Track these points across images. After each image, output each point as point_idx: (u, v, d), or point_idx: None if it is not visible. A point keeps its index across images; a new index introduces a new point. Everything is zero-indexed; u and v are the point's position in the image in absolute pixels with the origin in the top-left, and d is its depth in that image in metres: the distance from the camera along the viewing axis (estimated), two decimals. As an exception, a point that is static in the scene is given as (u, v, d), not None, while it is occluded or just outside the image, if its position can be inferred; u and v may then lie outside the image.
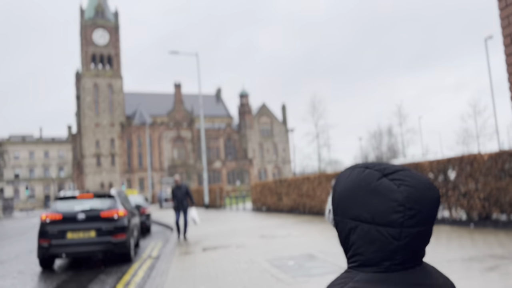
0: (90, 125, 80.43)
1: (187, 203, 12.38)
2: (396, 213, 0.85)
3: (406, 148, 52.12)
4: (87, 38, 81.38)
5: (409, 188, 0.87)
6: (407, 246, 0.87)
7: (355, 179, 0.92)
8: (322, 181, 15.51)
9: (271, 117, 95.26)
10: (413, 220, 0.86)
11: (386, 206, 0.87)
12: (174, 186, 12.61)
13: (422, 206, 0.87)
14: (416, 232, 0.87)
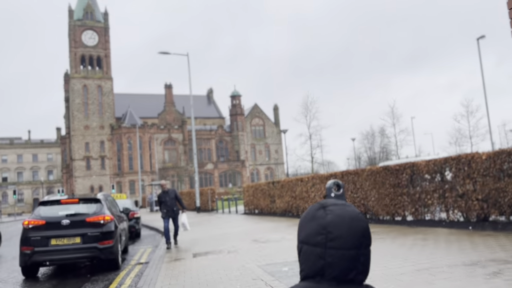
0: (80, 127, 79.41)
1: (178, 209, 11.70)
2: (320, 235, 1.14)
3: (399, 149, 52.11)
4: (76, 40, 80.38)
5: (335, 216, 1.15)
6: (333, 265, 1.12)
7: (306, 211, 1.23)
8: (316, 182, 15.22)
9: (264, 118, 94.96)
10: (334, 242, 1.12)
11: (314, 229, 1.16)
12: (160, 192, 11.71)
13: (343, 232, 1.13)
14: (340, 254, 1.12)
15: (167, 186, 11.71)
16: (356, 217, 1.17)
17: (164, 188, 11.60)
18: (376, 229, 10.62)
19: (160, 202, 11.51)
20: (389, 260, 6.63)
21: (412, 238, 8.57)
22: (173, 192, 11.66)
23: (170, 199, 11.45)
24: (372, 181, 12.50)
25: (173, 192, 11.63)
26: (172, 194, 11.57)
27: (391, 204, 11.85)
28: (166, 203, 11.41)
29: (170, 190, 11.64)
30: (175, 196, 11.65)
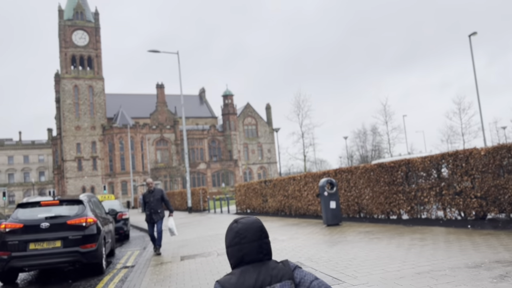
0: (71, 128, 78.50)
1: (163, 212, 10.46)
2: (235, 238, 1.95)
3: (392, 147, 51.84)
4: (66, 40, 79.41)
5: (240, 224, 1.96)
6: (247, 253, 1.92)
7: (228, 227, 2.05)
8: (309, 181, 14.84)
9: (256, 117, 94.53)
10: (245, 239, 1.92)
11: (231, 236, 1.99)
12: (145, 191, 10.52)
13: (248, 232, 1.94)
14: (250, 245, 1.92)
15: (153, 185, 10.57)
16: (254, 222, 2.00)
17: (150, 187, 10.47)
18: (371, 229, 10.26)
19: (144, 203, 10.47)
20: (387, 262, 6.25)
21: (409, 238, 8.21)
22: (159, 192, 10.45)
23: (154, 199, 10.30)
24: (366, 179, 12.15)
25: (159, 193, 10.44)
26: (157, 194, 10.40)
27: (386, 202, 11.51)
28: (150, 204, 10.30)
29: (156, 189, 10.48)
30: (161, 197, 10.45)
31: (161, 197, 10.45)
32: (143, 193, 10.69)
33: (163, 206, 10.58)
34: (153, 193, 10.40)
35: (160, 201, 10.43)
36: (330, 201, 11.67)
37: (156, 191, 10.45)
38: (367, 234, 9.37)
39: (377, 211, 11.89)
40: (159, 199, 10.42)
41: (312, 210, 14.75)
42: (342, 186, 13.13)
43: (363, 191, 12.32)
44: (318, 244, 8.73)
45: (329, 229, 11.12)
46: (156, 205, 10.31)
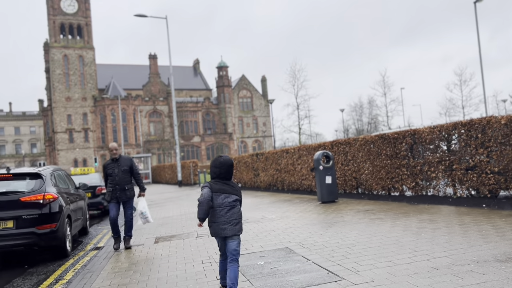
0: (61, 99, 76.56)
1: (133, 189, 7.82)
2: (218, 165, 4.06)
3: (390, 120, 50.49)
4: (54, 7, 76.41)
5: (222, 159, 4.10)
6: (223, 173, 4.04)
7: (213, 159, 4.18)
8: (303, 154, 13.70)
9: (251, 90, 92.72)
10: (223, 167, 4.04)
11: (217, 162, 4.09)
12: (108, 160, 7.83)
13: (225, 164, 4.08)
14: (225, 171, 4.05)
15: (119, 152, 7.81)
16: (229, 160, 4.09)
17: (114, 155, 7.69)
18: (371, 207, 9.18)
19: (106, 176, 7.74)
20: (394, 251, 5.16)
21: (416, 220, 7.12)
22: (127, 161, 7.73)
23: (121, 171, 7.60)
24: (365, 151, 11.01)
25: (127, 162, 7.72)
26: (125, 164, 7.67)
27: (387, 177, 10.41)
28: (114, 178, 7.59)
29: (123, 158, 7.77)
30: (130, 167, 7.73)
31: (129, 168, 7.71)
32: (104, 163, 7.78)
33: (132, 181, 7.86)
34: (118, 163, 7.67)
35: (129, 174, 7.73)
36: (326, 175, 10.55)
37: (123, 160, 7.71)
38: (367, 214, 8.29)
39: (377, 187, 10.81)
40: (127, 171, 7.69)
41: (306, 185, 13.68)
42: (339, 160, 12.00)
43: (362, 165, 11.20)
44: (311, 225, 7.65)
45: (324, 206, 10.05)
46: (122, 179, 7.61)
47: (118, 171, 7.62)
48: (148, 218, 7.86)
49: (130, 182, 7.78)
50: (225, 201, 3.95)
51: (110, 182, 7.68)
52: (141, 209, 7.80)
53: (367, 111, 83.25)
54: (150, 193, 23.63)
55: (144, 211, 7.82)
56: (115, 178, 7.62)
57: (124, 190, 7.65)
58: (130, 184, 7.76)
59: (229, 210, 3.97)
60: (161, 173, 36.37)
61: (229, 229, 3.95)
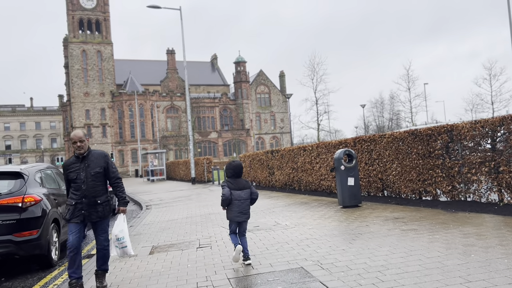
0: (79, 94, 76.87)
1: (107, 204, 5.03)
2: (233, 167, 5.56)
3: (414, 116, 48.43)
4: (73, 2, 76.62)
5: (235, 163, 5.57)
6: (235, 174, 5.50)
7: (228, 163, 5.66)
8: (322, 152, 12.52)
9: (269, 85, 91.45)
10: (237, 168, 5.49)
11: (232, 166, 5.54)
12: (71, 158, 5.08)
13: (238, 167, 5.52)
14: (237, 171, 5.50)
15: (86, 144, 5.00)
16: (240, 164, 5.57)
17: (79, 149, 4.97)
18: (400, 214, 7.97)
19: (68, 182, 5.02)
20: (440, 281, 3.98)
21: (459, 233, 5.90)
22: (100, 159, 5.04)
23: (90, 176, 4.90)
24: (393, 150, 9.77)
25: (99, 160, 5.01)
26: (97, 163, 4.97)
27: (418, 179, 9.17)
28: (79, 186, 4.88)
29: (94, 154, 5.09)
30: (105, 169, 5.03)
31: (103, 169, 4.99)
32: (64, 162, 5.15)
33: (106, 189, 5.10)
34: (85, 162, 4.93)
35: (102, 179, 5.01)
36: (348, 177, 9.36)
37: (94, 157, 5.01)
38: (397, 223, 7.09)
39: (406, 190, 9.57)
40: (100, 175, 4.96)
41: (325, 186, 12.50)
42: (363, 159, 10.79)
43: (389, 165, 9.97)
44: (331, 237, 6.50)
45: (346, 212, 8.87)
46: (92, 187, 4.89)
47: (85, 175, 4.85)
48: (127, 248, 5.06)
49: (104, 192, 5.00)
50: (240, 196, 5.38)
51: (73, 192, 4.89)
52: (117, 233, 5.03)
53: (388, 107, 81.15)
54: (161, 190, 22.79)
55: (121, 236, 5.04)
56: (80, 186, 4.83)
57: (95, 205, 4.87)
58: (104, 195, 4.98)
59: (242, 203, 5.40)
60: (175, 170, 35.62)
61: (242, 217, 5.43)
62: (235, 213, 5.36)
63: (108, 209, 5.04)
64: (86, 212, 4.86)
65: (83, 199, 4.85)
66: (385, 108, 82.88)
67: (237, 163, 5.56)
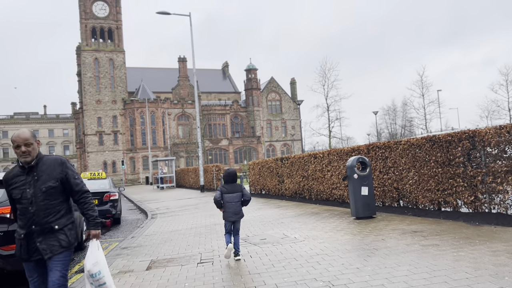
0: (92, 101, 77.39)
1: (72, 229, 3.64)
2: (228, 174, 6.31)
3: (428, 123, 47.31)
4: (86, 11, 77.50)
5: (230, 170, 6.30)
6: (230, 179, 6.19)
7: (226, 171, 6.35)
8: (334, 159, 11.95)
9: (280, 93, 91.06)
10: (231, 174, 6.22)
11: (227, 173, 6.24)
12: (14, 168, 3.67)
13: (232, 173, 6.19)
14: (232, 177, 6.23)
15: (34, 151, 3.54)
16: (234, 170, 6.33)
17: (25, 156, 3.51)
18: (419, 226, 7.36)
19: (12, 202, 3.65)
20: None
21: (488, 250, 5.30)
22: (54, 167, 3.59)
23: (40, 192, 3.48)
24: (410, 157, 9.17)
25: (53, 169, 3.57)
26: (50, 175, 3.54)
27: (437, 189, 8.55)
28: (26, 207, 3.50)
29: (45, 160, 3.60)
30: (63, 181, 3.59)
31: (59, 181, 3.57)
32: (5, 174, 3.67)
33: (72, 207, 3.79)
34: (34, 172, 3.53)
35: (59, 195, 3.60)
36: (362, 186, 8.79)
37: (46, 165, 3.58)
38: (416, 237, 6.50)
39: (424, 200, 8.95)
40: (56, 190, 3.56)
41: (337, 195, 11.91)
42: (377, 167, 10.20)
43: (405, 173, 9.37)
44: (344, 252, 5.94)
45: (360, 224, 8.28)
46: (44, 207, 3.50)
47: (34, 191, 3.48)
48: (106, 286, 3.60)
49: (65, 213, 3.60)
50: (232, 199, 6.07)
51: (20, 216, 3.55)
52: (90, 267, 3.55)
53: (400, 114, 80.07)
54: (169, 198, 22.37)
55: (96, 271, 3.56)
56: (27, 208, 3.48)
57: (52, 233, 3.48)
58: (64, 217, 3.58)
59: (234, 205, 6.08)
60: (185, 177, 35.24)
61: (234, 217, 6.10)
62: (229, 214, 6.12)
63: (74, 236, 3.61)
64: (39, 244, 3.43)
65: (33, 227, 3.44)
66: (398, 115, 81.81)
67: (231, 170, 6.26)
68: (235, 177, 6.21)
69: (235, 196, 6.09)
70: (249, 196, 6.21)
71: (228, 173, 6.23)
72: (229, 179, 6.19)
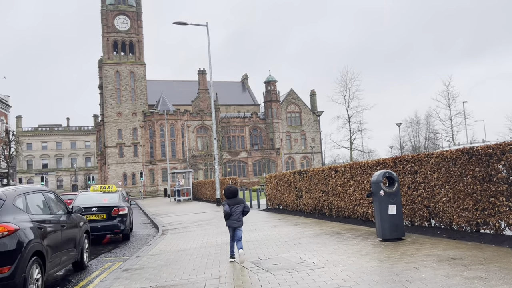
0: (112, 114, 78.14)
1: None
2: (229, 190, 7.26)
3: (455, 135, 45.41)
4: (108, 25, 78.75)
5: (232, 188, 7.27)
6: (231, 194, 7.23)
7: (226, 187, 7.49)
8: (356, 173, 11.02)
9: (300, 104, 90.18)
10: (233, 190, 7.25)
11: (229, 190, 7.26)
12: None
13: (233, 189, 7.27)
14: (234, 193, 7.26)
15: None
16: (235, 187, 7.34)
17: None
18: (456, 252, 6.38)
19: None
20: None
21: (551, 288, 4.32)
22: None
23: None
24: (443, 172, 8.20)
25: None
26: None
27: (475, 208, 7.54)
28: None
29: None
30: None
31: None
32: None
33: None
34: None
35: None
36: (389, 204, 7.84)
37: None
38: (456, 266, 5.53)
39: (459, 221, 7.94)
40: None
41: (360, 212, 10.95)
42: (405, 182, 9.23)
43: (437, 190, 8.38)
44: (371, 284, 5.03)
45: (387, 247, 7.33)
46: None
47: None
48: None
49: None
50: (236, 210, 7.18)
51: None
52: None
53: (424, 127, 78.00)
54: (184, 212, 21.66)
55: None
56: None
57: None
58: None
59: (237, 215, 7.18)
60: (201, 190, 34.58)
61: (236, 223, 7.19)
62: (233, 221, 7.18)
63: None
64: None
65: None
66: (421, 128, 79.77)
67: (233, 188, 7.30)
68: (236, 193, 7.30)
69: (238, 207, 7.19)
70: (248, 208, 7.37)
71: (230, 190, 7.26)
72: (230, 195, 7.23)
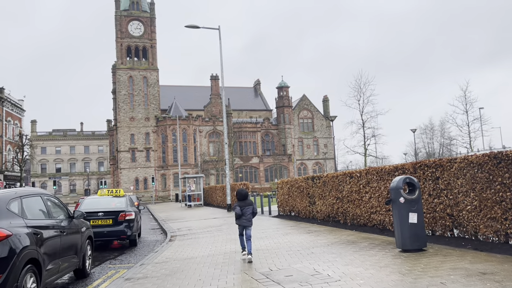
0: (125, 119, 78.49)
1: None
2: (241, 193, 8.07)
3: (473, 141, 44.14)
4: (122, 30, 79.35)
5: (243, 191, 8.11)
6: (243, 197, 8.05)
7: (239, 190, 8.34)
8: (372, 179, 10.47)
9: (312, 110, 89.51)
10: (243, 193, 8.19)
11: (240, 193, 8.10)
12: None
13: (244, 192, 8.09)
14: (244, 195, 8.07)
15: None
16: (246, 190, 8.18)
17: None
18: (486, 266, 5.81)
19: None
20: None
21: None
22: None
23: None
24: (468, 178, 7.63)
25: None
26: None
27: (504, 217, 6.96)
28: None
29: None
30: None
31: None
32: None
33: None
34: None
35: None
36: (410, 212, 7.30)
37: None
38: (489, 282, 4.98)
39: (486, 231, 7.36)
40: None
41: (377, 220, 10.38)
42: (426, 189, 8.67)
43: (461, 197, 7.81)
44: (394, 302, 4.51)
45: (408, 258, 6.78)
46: None
47: None
48: None
49: None
50: (247, 211, 7.97)
51: None
52: None
53: (438, 133, 76.69)
54: (193, 218, 21.25)
55: None
56: None
57: None
58: None
59: (247, 215, 7.95)
60: (212, 195, 34.20)
61: (247, 223, 7.96)
62: (244, 221, 7.94)
63: None
64: None
65: None
66: (436, 134, 78.46)
67: (244, 191, 8.09)
68: (247, 195, 8.11)
69: (249, 208, 8.00)
70: (256, 209, 8.20)
71: (240, 192, 8.07)
72: (241, 197, 8.05)
